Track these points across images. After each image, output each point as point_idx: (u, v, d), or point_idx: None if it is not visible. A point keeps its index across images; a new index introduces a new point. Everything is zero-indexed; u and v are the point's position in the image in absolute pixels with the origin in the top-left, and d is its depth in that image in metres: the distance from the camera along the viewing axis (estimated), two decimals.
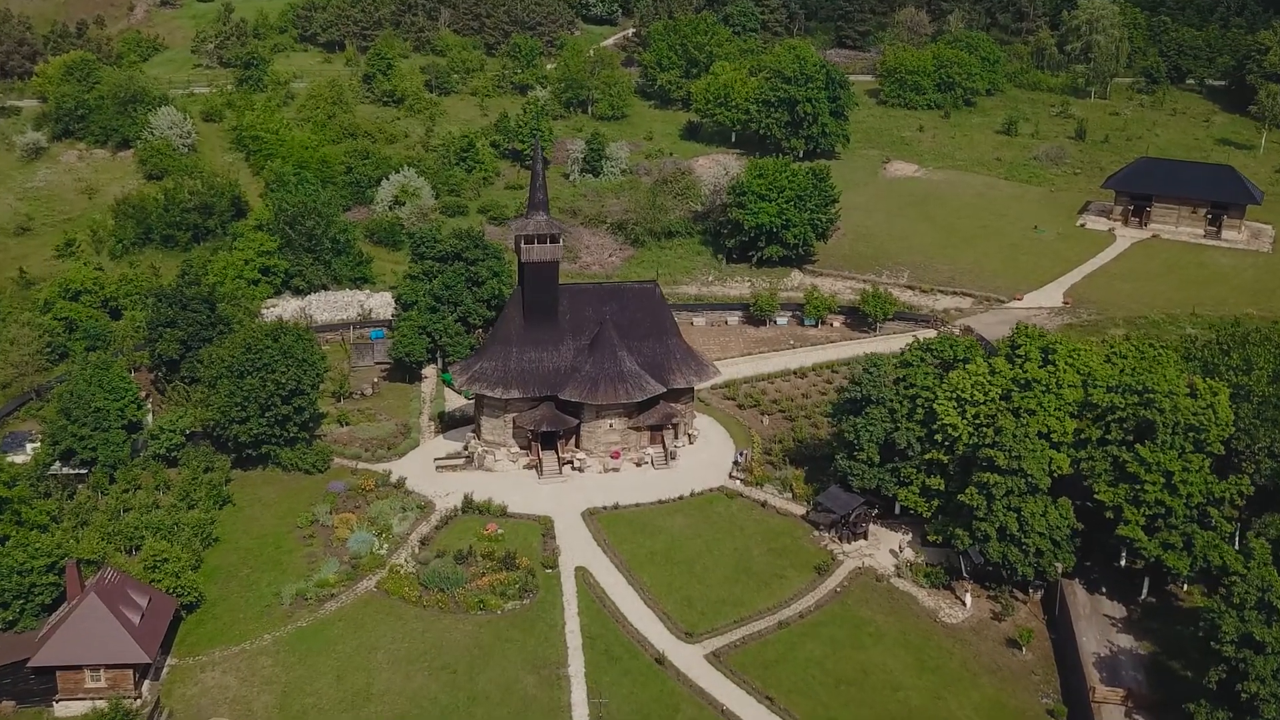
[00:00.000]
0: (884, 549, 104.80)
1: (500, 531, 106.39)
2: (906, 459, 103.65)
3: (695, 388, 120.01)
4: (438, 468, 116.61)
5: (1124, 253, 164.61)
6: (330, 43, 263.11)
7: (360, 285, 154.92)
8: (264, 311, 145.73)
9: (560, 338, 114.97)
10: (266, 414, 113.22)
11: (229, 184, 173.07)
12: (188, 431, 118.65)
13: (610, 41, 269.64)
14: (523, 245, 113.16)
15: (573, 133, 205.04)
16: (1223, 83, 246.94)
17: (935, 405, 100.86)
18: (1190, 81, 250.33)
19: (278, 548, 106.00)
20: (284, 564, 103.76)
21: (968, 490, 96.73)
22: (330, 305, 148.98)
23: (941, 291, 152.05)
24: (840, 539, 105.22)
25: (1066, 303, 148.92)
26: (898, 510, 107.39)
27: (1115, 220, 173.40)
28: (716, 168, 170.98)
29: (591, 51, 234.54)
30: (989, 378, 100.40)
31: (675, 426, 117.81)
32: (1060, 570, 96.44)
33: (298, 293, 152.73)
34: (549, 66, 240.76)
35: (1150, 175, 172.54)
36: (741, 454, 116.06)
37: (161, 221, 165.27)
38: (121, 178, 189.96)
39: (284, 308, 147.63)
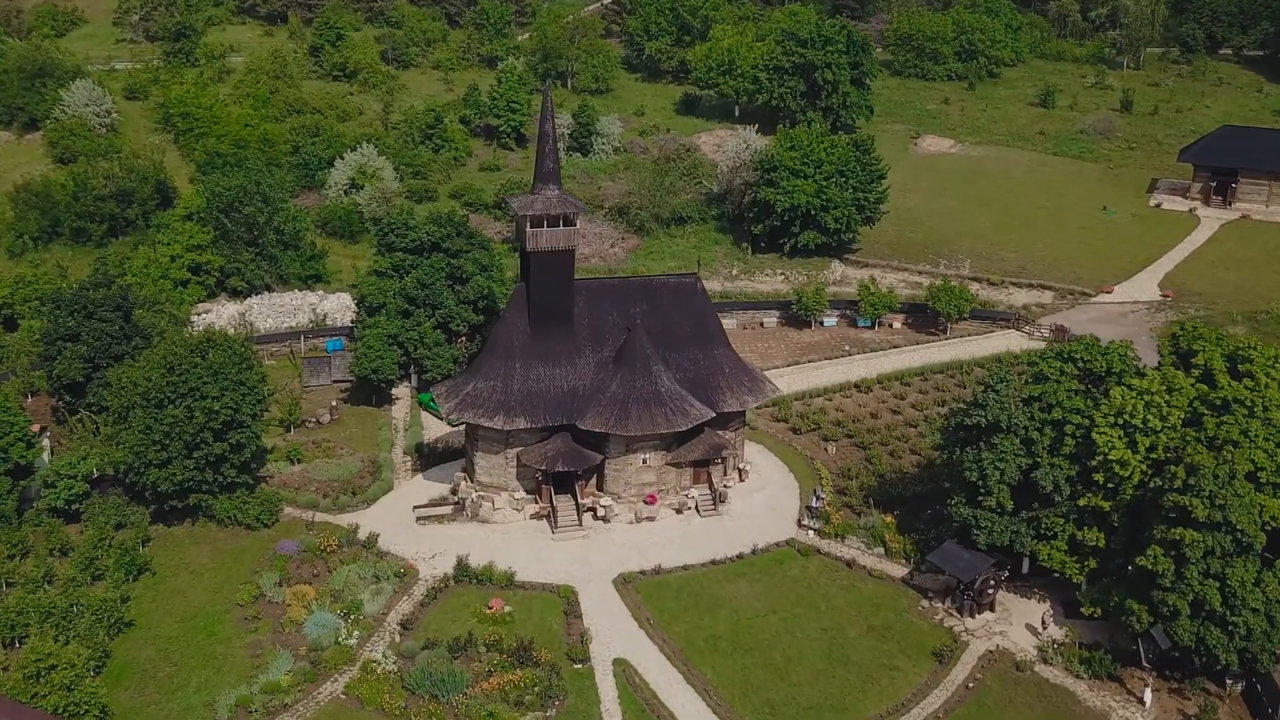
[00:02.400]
0: (1018, 623, 79.39)
1: (508, 609, 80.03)
2: (1050, 505, 78.10)
3: (749, 410, 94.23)
4: (419, 519, 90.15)
5: (1214, 236, 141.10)
6: (272, 14, 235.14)
7: (312, 284, 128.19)
8: (194, 318, 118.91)
9: (577, 349, 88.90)
10: (195, 453, 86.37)
11: (153, 167, 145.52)
12: (94, 476, 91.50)
13: (587, 11, 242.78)
14: (528, 229, 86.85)
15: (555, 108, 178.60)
16: (1261, 51, 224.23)
17: (1094, 435, 75.42)
18: (1226, 51, 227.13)
19: (211, 635, 79.03)
20: (219, 659, 76.85)
21: (1149, 551, 71.41)
22: (276, 310, 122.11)
23: (1014, 284, 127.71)
24: (960, 611, 79.67)
25: (1166, 295, 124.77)
26: (1026, 568, 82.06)
27: (1194, 199, 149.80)
28: (734, 141, 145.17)
29: (570, 18, 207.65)
30: (1167, 397, 74.96)
31: (724, 460, 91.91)
32: None
33: (236, 294, 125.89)
34: (521, 37, 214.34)
35: (1235, 147, 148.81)
36: (818, 498, 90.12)
37: (71, 212, 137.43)
38: (28, 163, 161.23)
39: (219, 314, 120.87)
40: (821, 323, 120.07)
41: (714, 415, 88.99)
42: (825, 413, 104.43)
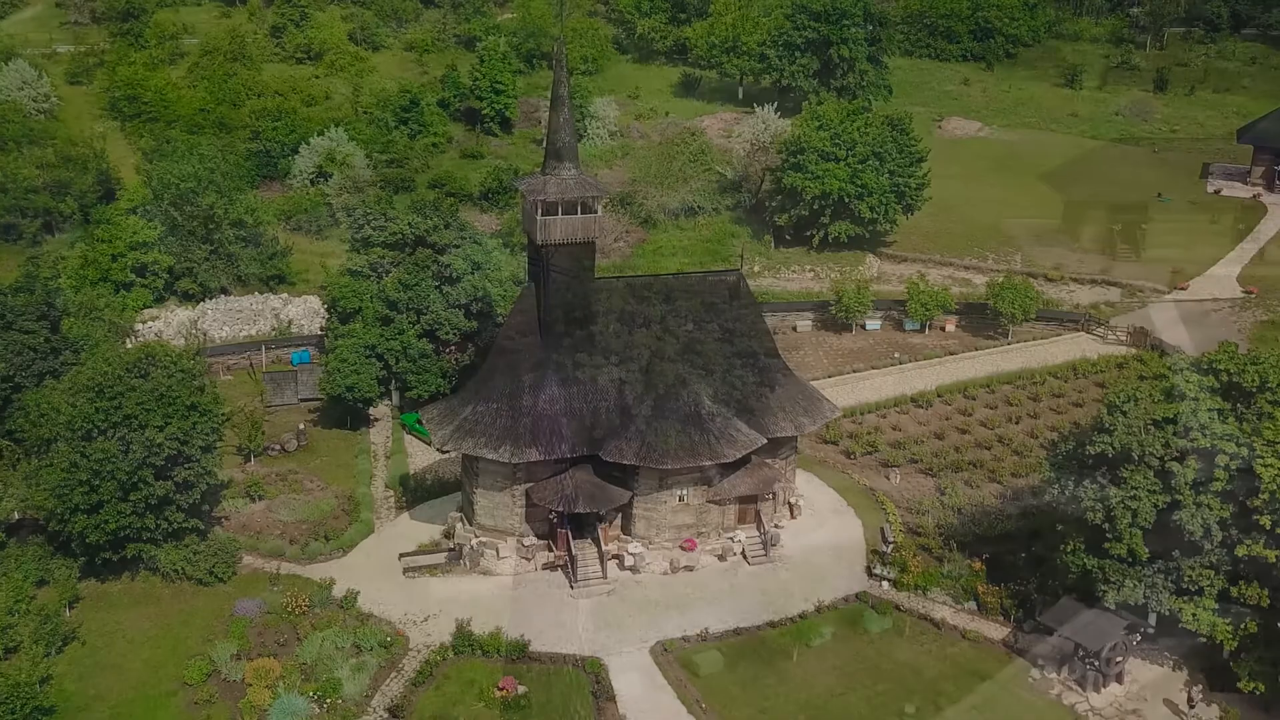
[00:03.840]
0: (1154, 699, 64.41)
1: (523, 690, 64.40)
2: (1195, 554, 63.04)
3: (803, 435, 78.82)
4: (406, 570, 74.36)
5: None
6: None
7: (274, 286, 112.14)
8: (139, 326, 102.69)
9: (599, 363, 73.14)
10: (131, 495, 70.29)
11: (93, 155, 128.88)
12: (13, 520, 75.58)
13: None
14: (539, 217, 71.09)
15: (538, 91, 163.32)
16: None
17: (1256, 466, 60.45)
18: (1250, 30, 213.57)
19: None
20: None
21: None
22: (233, 316, 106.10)
23: (1075, 280, 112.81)
24: (1081, 685, 64.60)
25: (1250, 291, 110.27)
26: (1153, 624, 66.98)
27: (1256, 184, 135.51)
28: (752, 122, 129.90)
29: None
30: None
31: (774, 495, 76.48)
32: None
33: (188, 299, 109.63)
34: (501, 17, 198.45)
35: None
36: (887, 541, 74.76)
37: None
38: None
39: (168, 321, 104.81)
40: (864, 325, 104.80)
41: (765, 441, 73.57)
42: (880, 432, 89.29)
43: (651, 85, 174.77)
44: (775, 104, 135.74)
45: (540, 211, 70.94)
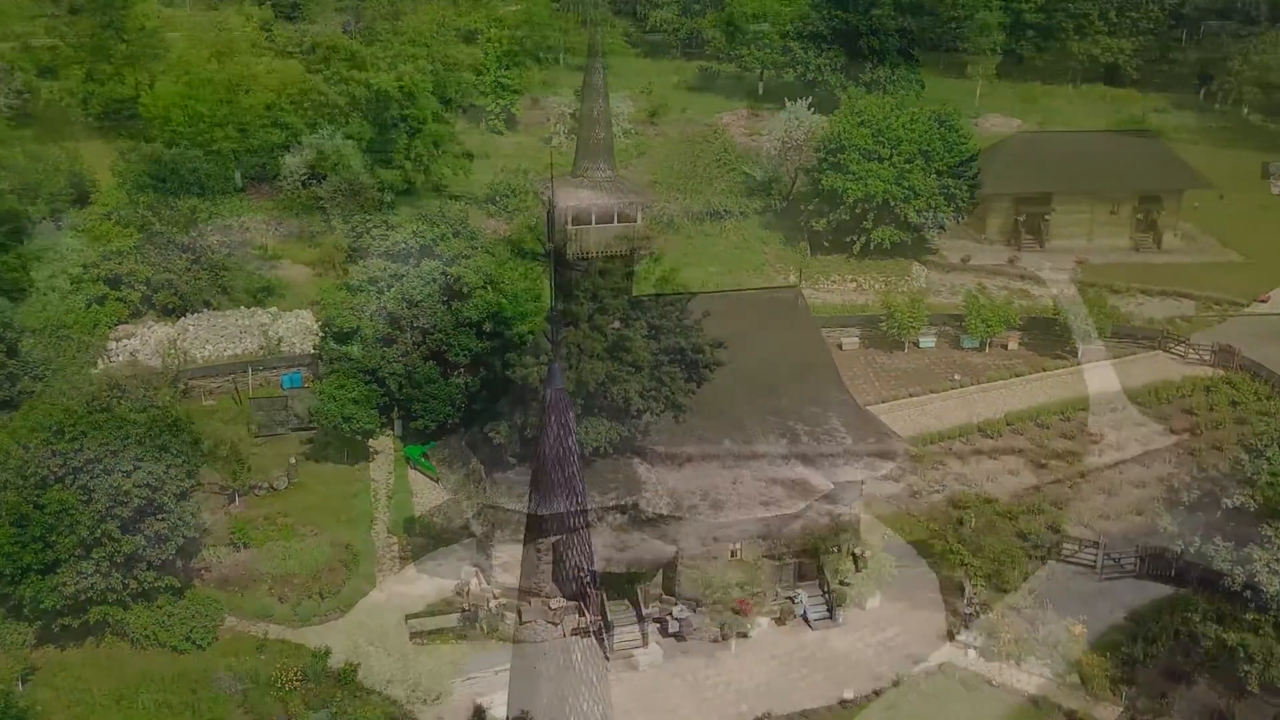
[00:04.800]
0: None
1: None
2: None
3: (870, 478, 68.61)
4: (413, 635, 64.28)
5: None
6: None
7: (263, 300, 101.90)
8: (111, 345, 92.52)
9: (636, 396, 62.78)
10: (94, 553, 60.29)
11: (66, 155, 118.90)
12: None
13: None
14: (569, 228, 60.92)
15: (547, 88, 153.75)
16: None
17: None
18: None
19: None
20: None
21: None
22: (217, 333, 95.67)
23: (1142, 291, 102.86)
24: None
25: None
26: None
27: None
28: (783, 119, 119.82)
29: None
30: None
31: (839, 548, 66.41)
32: None
33: (167, 314, 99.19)
34: (505, 9, 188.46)
35: None
36: (971, 601, 64.65)
37: None
38: None
39: (144, 339, 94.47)
40: (917, 343, 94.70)
41: (831, 487, 63.48)
42: (945, 466, 79.15)
43: (664, 80, 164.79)
44: (809, 98, 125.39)
45: (570, 221, 60.74)
